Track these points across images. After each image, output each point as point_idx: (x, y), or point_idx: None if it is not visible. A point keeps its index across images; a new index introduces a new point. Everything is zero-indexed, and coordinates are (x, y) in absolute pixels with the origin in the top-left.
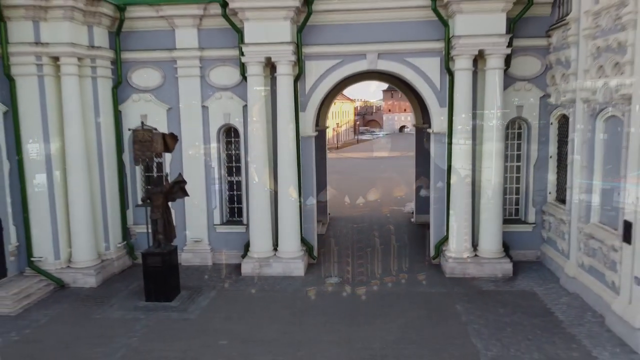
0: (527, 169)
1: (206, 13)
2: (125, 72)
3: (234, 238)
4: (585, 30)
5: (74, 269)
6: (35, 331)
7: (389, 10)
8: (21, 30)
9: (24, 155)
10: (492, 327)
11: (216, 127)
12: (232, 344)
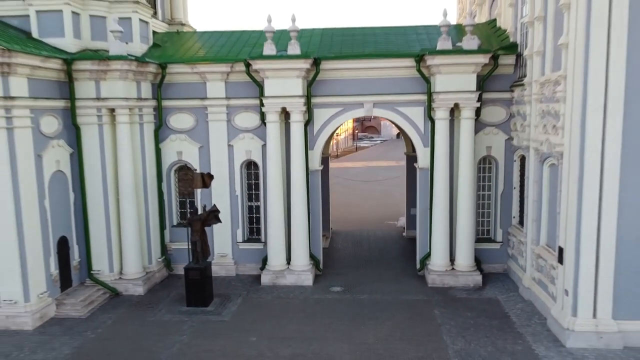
0: (496, 197)
1: (232, 70)
2: (164, 117)
3: (253, 253)
4: (535, 94)
5: (125, 280)
6: (106, 330)
7: (382, 70)
8: (86, 88)
9: (86, 187)
10: (460, 327)
11: (239, 162)
12: (260, 340)
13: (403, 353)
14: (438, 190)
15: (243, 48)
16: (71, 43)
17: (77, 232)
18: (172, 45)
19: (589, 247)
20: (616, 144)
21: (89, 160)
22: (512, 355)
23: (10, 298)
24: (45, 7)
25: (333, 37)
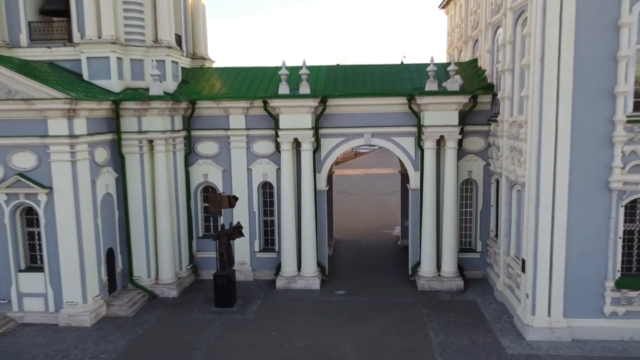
0: (476, 214)
1: (251, 106)
2: (193, 145)
3: (268, 261)
4: (505, 131)
5: (161, 284)
6: (151, 326)
7: (379, 106)
8: (129, 123)
9: (129, 206)
10: (442, 324)
11: (257, 183)
12: (279, 335)
13: (395, 345)
14: (427, 208)
15: (260, 85)
16: (116, 84)
17: (121, 244)
18: (198, 82)
19: (544, 260)
20: (564, 178)
21: (131, 184)
22: (482, 347)
23: (72, 300)
24: (95, 54)
25: (337, 75)
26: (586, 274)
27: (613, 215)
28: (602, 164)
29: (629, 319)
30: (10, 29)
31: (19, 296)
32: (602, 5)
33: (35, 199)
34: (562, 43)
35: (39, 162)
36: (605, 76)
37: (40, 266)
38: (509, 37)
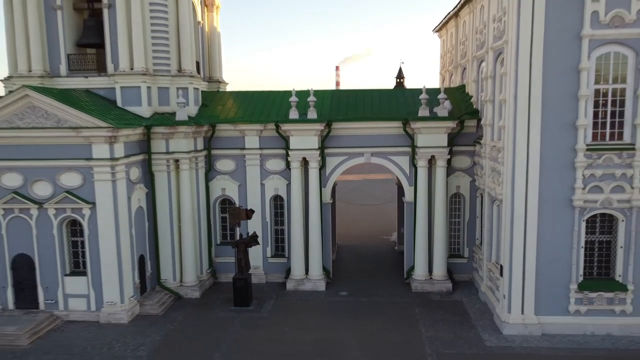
0: (463, 224)
1: (265, 128)
2: (213, 162)
3: (279, 266)
4: (487, 154)
5: (185, 286)
6: (179, 323)
7: (377, 129)
8: (158, 145)
9: (157, 218)
10: (432, 321)
11: (269, 196)
12: (291, 330)
13: (391, 338)
14: (420, 218)
15: (272, 109)
16: (145, 109)
17: (150, 250)
18: (217, 106)
19: (518, 266)
20: (534, 196)
21: (160, 198)
22: (465, 340)
23: (111, 300)
24: (128, 84)
25: (340, 99)
26: (554, 278)
27: (576, 228)
28: (567, 185)
29: (590, 316)
30: (52, 61)
31: (65, 297)
32: (565, 52)
33: (80, 212)
34: (532, 83)
35: (84, 181)
36: (568, 111)
37: (83, 271)
38: (490, 72)
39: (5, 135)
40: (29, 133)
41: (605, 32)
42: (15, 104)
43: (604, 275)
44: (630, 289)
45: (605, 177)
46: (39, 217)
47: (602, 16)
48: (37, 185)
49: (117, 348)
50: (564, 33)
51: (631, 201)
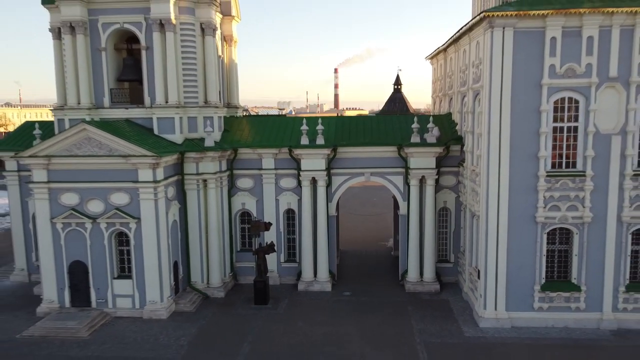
0: (450, 233)
1: (279, 152)
2: (234, 180)
3: (291, 269)
4: (468, 175)
5: (211, 288)
6: (210, 319)
7: (376, 152)
8: (190, 167)
9: (189, 229)
10: (422, 317)
11: (283, 209)
12: (304, 324)
13: (387, 331)
14: (412, 229)
15: (285, 133)
16: (178, 136)
17: (182, 257)
18: (237, 131)
19: (492, 270)
20: (505, 214)
21: (191, 212)
22: (448, 331)
23: (153, 299)
24: (163, 115)
25: (344, 125)
26: (521, 280)
27: (539, 240)
28: (531, 204)
29: (551, 312)
30: (96, 94)
31: (113, 297)
32: (528, 96)
33: (127, 226)
34: (502, 121)
35: (131, 200)
36: (531, 144)
37: (128, 274)
38: (470, 108)
39: (66, 162)
40: (86, 160)
41: (561, 81)
42: (75, 137)
43: (562, 278)
44: (583, 290)
45: (562, 198)
46: (92, 230)
47: (557, 68)
48: (91, 203)
49: (161, 339)
50: (528, 81)
51: (583, 218)
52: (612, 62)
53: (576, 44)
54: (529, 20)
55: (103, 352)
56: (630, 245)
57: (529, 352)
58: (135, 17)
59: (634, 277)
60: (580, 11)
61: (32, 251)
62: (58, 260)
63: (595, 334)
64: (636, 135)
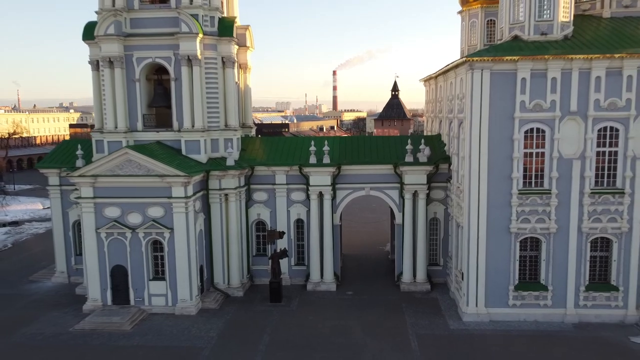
0: (439, 240)
1: (290, 169)
2: (251, 194)
3: (300, 272)
4: (454, 191)
5: (231, 288)
6: (233, 314)
7: (374, 170)
8: (213, 183)
9: (212, 237)
10: (414, 312)
11: (293, 219)
12: (314, 319)
13: (384, 324)
14: (406, 236)
15: (295, 152)
16: (203, 156)
17: (206, 261)
18: (253, 150)
19: (473, 273)
20: (484, 225)
21: (214, 222)
22: (436, 324)
23: (184, 298)
24: (190, 138)
25: (347, 145)
26: (498, 282)
27: (512, 247)
28: (506, 217)
29: (523, 308)
30: (131, 119)
31: (149, 296)
32: (503, 127)
33: (162, 235)
34: (481, 147)
35: (165, 213)
36: (506, 167)
37: (162, 277)
38: (455, 133)
39: (110, 181)
40: (127, 179)
41: (530, 115)
42: (118, 159)
43: (532, 279)
44: (550, 289)
45: (532, 212)
46: (132, 239)
47: (527, 104)
48: (131, 215)
49: (194, 331)
50: (502, 114)
51: (549, 229)
52: (573, 98)
53: (542, 83)
54: (503, 64)
55: (146, 342)
56: (589, 251)
57: (504, 342)
58: (166, 53)
59: (592, 278)
60: (545, 57)
61: (71, 256)
62: (102, 264)
63: (559, 326)
64: (593, 159)
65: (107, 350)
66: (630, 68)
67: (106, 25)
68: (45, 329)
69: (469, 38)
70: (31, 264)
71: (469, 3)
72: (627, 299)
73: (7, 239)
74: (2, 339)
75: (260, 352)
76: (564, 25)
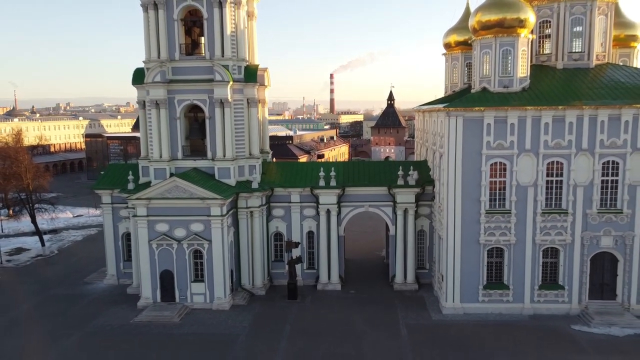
0: (425, 248)
1: (303, 190)
2: (271, 210)
3: (311, 275)
4: (437, 209)
5: (255, 288)
6: (259, 309)
7: (372, 190)
8: (242, 203)
9: (240, 246)
10: (405, 307)
11: (305, 231)
12: (325, 312)
13: (380, 317)
14: (399, 245)
15: (307, 175)
16: (232, 180)
17: (235, 266)
18: (271, 174)
19: (451, 275)
20: (459, 237)
21: (242, 235)
22: (422, 316)
23: (219, 296)
24: (222, 166)
25: (349, 169)
26: (470, 283)
27: (481, 255)
28: (476, 232)
29: (490, 303)
30: (172, 149)
31: (191, 295)
32: (473, 161)
33: (202, 245)
34: (456, 176)
35: (205, 228)
36: (476, 192)
37: (201, 279)
38: (437, 163)
39: (160, 203)
40: (174, 201)
41: (494, 152)
42: (167, 185)
43: (497, 280)
44: (511, 288)
45: (496, 228)
46: (177, 249)
47: (491, 143)
48: (177, 230)
49: (229, 322)
50: (473, 151)
51: (510, 241)
52: (527, 139)
53: (503, 127)
54: (473, 113)
55: (193, 331)
56: (542, 258)
57: (475, 329)
58: (202, 96)
59: (544, 279)
60: (505, 108)
61: (120, 261)
62: (153, 269)
63: (518, 317)
64: (543, 187)
65: (164, 337)
66: (571, 117)
67: (154, 74)
68: (111, 321)
69: (452, 77)
70: (81, 268)
71: (452, 48)
72: (571, 296)
73: (52, 246)
74: (80, 330)
75: (284, 338)
76: (522, 79)
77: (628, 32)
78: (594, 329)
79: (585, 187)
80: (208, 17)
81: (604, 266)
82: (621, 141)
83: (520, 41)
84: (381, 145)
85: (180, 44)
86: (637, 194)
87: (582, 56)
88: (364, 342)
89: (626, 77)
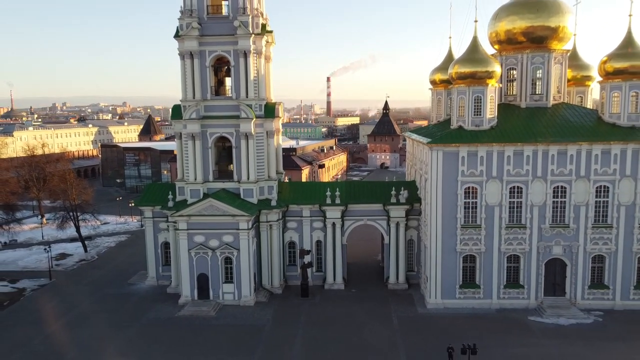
0: (414, 255)
1: (313, 207)
2: (286, 223)
3: (319, 276)
4: (423, 223)
5: (274, 287)
6: (278, 305)
7: (370, 207)
8: (263, 217)
9: (262, 254)
10: (397, 303)
11: (315, 240)
12: (331, 307)
13: (377, 311)
14: (392, 252)
15: (316, 193)
16: (255, 199)
17: (257, 269)
18: (286, 192)
19: (433, 277)
20: (440, 246)
21: (263, 244)
22: (410, 310)
23: (246, 294)
24: (246, 187)
25: (350, 187)
26: (449, 283)
27: (458, 261)
28: (453, 242)
29: (465, 300)
30: (205, 173)
31: (222, 293)
32: (451, 186)
33: (232, 253)
34: (437, 197)
35: (234, 239)
36: (453, 210)
37: (231, 280)
38: (422, 185)
39: (198, 219)
40: (209, 217)
41: (467, 178)
42: (204, 205)
43: (471, 281)
44: (482, 287)
45: (470, 239)
46: (212, 256)
47: (465, 172)
48: (211, 240)
49: (255, 315)
50: (450, 177)
51: (480, 249)
52: (494, 169)
53: (475, 159)
54: (451, 147)
55: (227, 322)
56: (506, 263)
57: (452, 320)
58: (229, 130)
59: (508, 280)
60: (476, 144)
61: (159, 265)
62: (191, 272)
63: (487, 311)
64: (506, 207)
65: (205, 327)
66: (528, 151)
67: (190, 112)
68: (159, 315)
69: (437, 109)
70: (122, 271)
71: (437, 84)
72: (529, 293)
73: (90, 251)
74: (137, 322)
75: (301, 328)
76: (490, 119)
77: (583, 73)
78: (545, 320)
79: (540, 206)
80: (234, 65)
81: (555, 269)
82: (567, 170)
83: (489, 89)
84: (377, 152)
85: (211, 86)
86: (581, 212)
87: (542, 97)
88: (364, 330)
89: (575, 117)
